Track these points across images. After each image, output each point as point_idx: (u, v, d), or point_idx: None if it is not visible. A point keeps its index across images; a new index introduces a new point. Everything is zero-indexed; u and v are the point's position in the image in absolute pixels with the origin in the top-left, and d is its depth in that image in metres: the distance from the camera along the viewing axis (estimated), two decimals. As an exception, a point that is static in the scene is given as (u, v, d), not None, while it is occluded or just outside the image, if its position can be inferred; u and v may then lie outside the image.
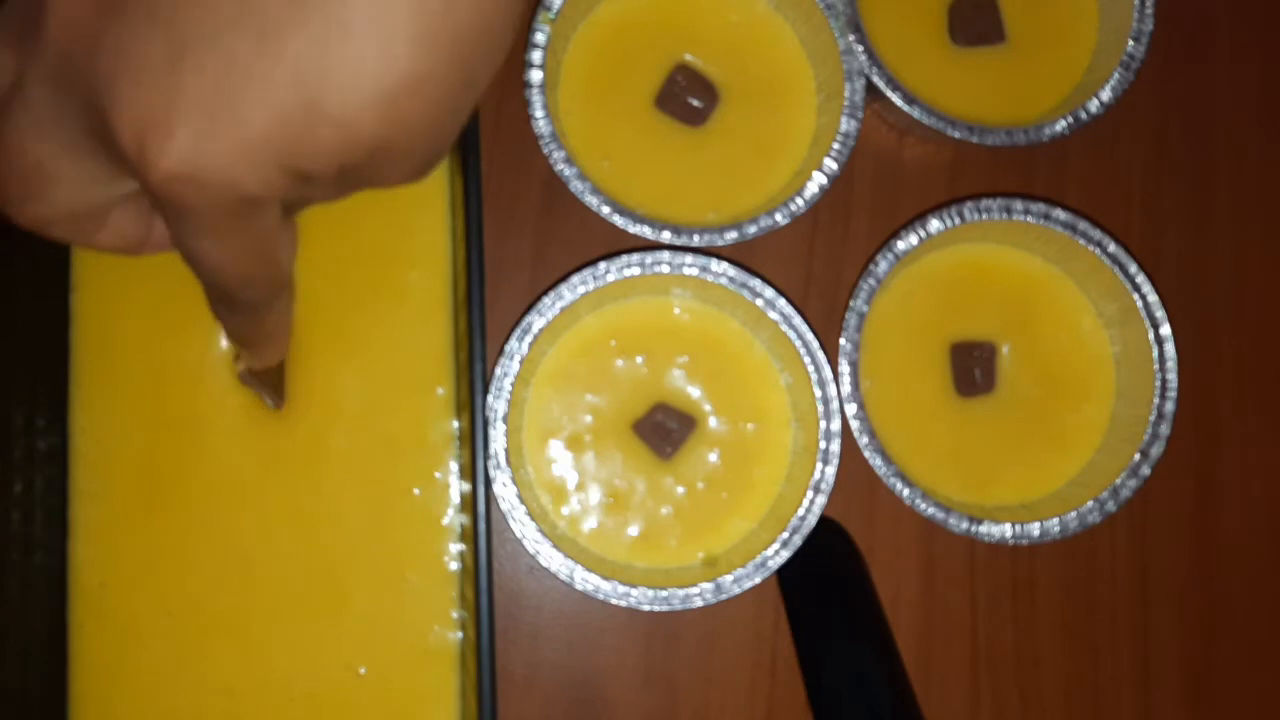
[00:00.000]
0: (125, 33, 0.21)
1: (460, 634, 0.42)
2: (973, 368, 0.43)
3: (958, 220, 0.42)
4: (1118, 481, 0.41)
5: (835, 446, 0.40)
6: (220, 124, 0.21)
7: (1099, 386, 0.44)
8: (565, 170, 0.40)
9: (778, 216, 0.41)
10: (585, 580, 0.39)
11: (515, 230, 0.45)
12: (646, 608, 0.39)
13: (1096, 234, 0.42)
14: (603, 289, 0.41)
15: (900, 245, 0.42)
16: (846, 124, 0.42)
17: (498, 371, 0.40)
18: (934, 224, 0.42)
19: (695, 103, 0.43)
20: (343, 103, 0.21)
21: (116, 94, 0.21)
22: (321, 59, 0.20)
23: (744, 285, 0.41)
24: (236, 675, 0.41)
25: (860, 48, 0.42)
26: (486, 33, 0.21)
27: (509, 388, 0.40)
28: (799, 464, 0.42)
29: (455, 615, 0.42)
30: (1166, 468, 0.42)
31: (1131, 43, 0.43)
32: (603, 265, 0.40)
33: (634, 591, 0.39)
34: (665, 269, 0.40)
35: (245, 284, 0.26)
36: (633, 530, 0.42)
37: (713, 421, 0.43)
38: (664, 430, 0.42)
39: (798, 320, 0.41)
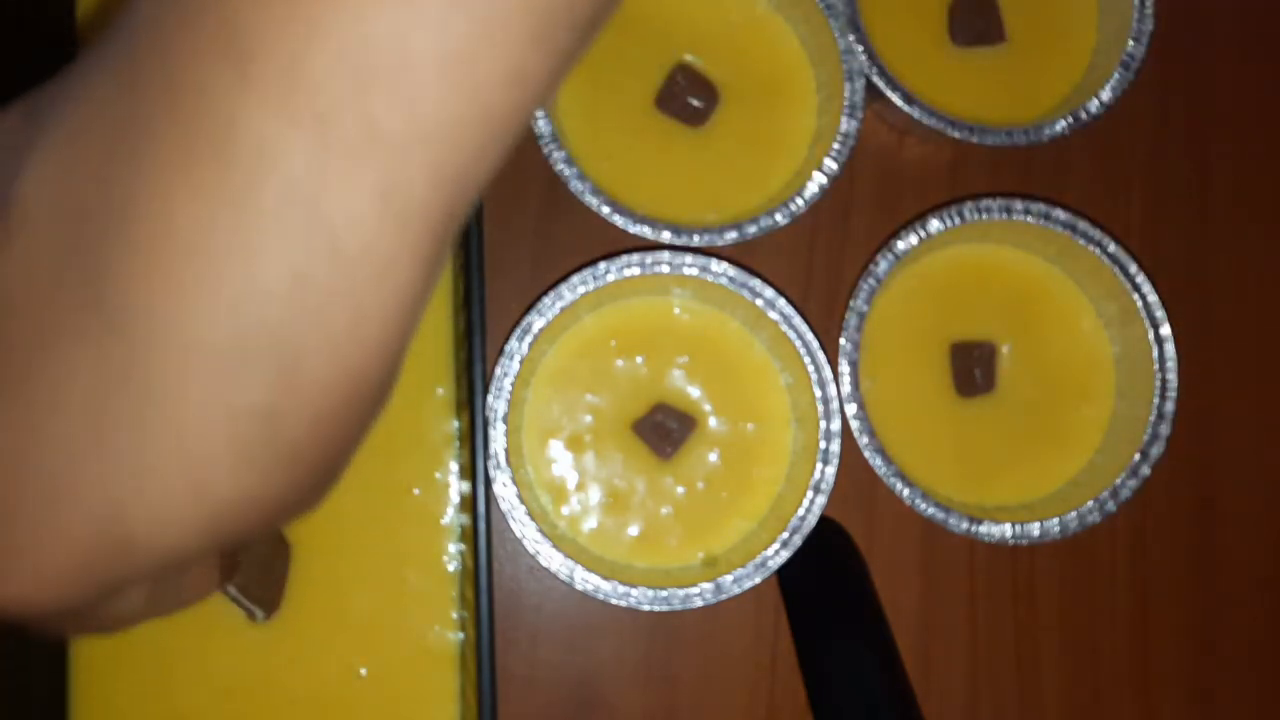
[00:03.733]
0: None
1: (460, 634, 0.42)
2: (973, 368, 0.43)
3: (958, 220, 0.42)
4: (1118, 481, 0.41)
5: (835, 446, 0.40)
6: (4, 565, 0.19)
7: (1099, 386, 0.44)
8: (565, 170, 0.40)
9: (778, 216, 0.41)
10: (585, 580, 0.39)
11: (515, 230, 0.45)
12: (646, 608, 0.39)
13: (1096, 234, 0.42)
14: (603, 289, 0.40)
15: (900, 245, 0.42)
16: (846, 124, 0.42)
17: (498, 371, 0.40)
18: (934, 224, 0.42)
19: (695, 103, 0.43)
20: (156, 536, 0.18)
21: None
22: (121, 502, 0.18)
23: (744, 285, 0.41)
24: (237, 676, 0.41)
25: (860, 48, 0.42)
26: (336, 431, 0.19)
27: (509, 388, 0.40)
28: (799, 464, 0.42)
29: (455, 615, 0.42)
30: (1166, 468, 0.41)
31: (1131, 43, 0.43)
32: (603, 265, 0.40)
33: (634, 591, 0.39)
34: (665, 269, 0.40)
35: (111, 633, 0.24)
36: (633, 530, 0.42)
37: (713, 421, 0.43)
38: (664, 430, 0.42)
39: (798, 320, 0.41)
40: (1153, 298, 0.42)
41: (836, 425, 0.40)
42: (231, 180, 0.16)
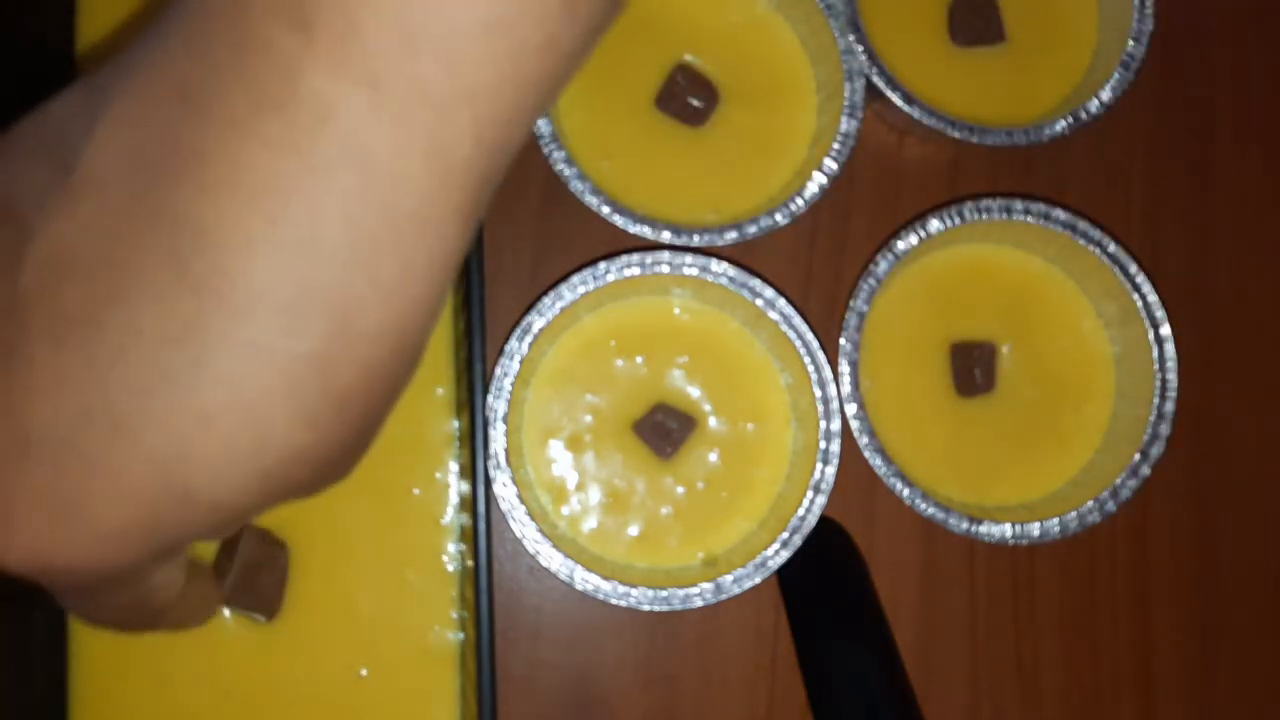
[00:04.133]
0: None
1: (460, 634, 0.42)
2: (973, 368, 0.43)
3: (958, 220, 0.42)
4: (1118, 481, 0.41)
5: (835, 446, 0.40)
6: (68, 519, 0.19)
7: (1099, 386, 0.44)
8: (565, 170, 0.40)
9: (778, 216, 0.41)
10: (585, 580, 0.39)
11: (515, 230, 0.45)
12: (646, 608, 0.39)
13: (1096, 234, 0.42)
14: (603, 289, 0.41)
15: (900, 245, 0.42)
16: (846, 124, 0.42)
17: (497, 371, 0.40)
18: (934, 224, 0.42)
19: (695, 103, 0.43)
20: (214, 487, 0.19)
21: None
22: (183, 451, 0.18)
23: (744, 285, 0.41)
24: (236, 676, 0.41)
25: (860, 48, 0.42)
26: (382, 383, 0.20)
27: (509, 388, 0.40)
28: (799, 464, 0.42)
29: (455, 615, 0.42)
30: (1166, 468, 0.42)
31: (1131, 43, 0.43)
32: (603, 265, 0.40)
33: (634, 591, 0.39)
34: (665, 269, 0.40)
35: (136, 627, 0.25)
36: (633, 530, 0.42)
37: (713, 421, 0.43)
38: (664, 430, 0.42)
39: (798, 320, 0.41)
40: (1153, 298, 0.42)
41: (836, 425, 0.40)
42: (294, 132, 0.17)
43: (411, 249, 0.18)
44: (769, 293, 0.41)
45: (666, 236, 0.40)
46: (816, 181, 0.41)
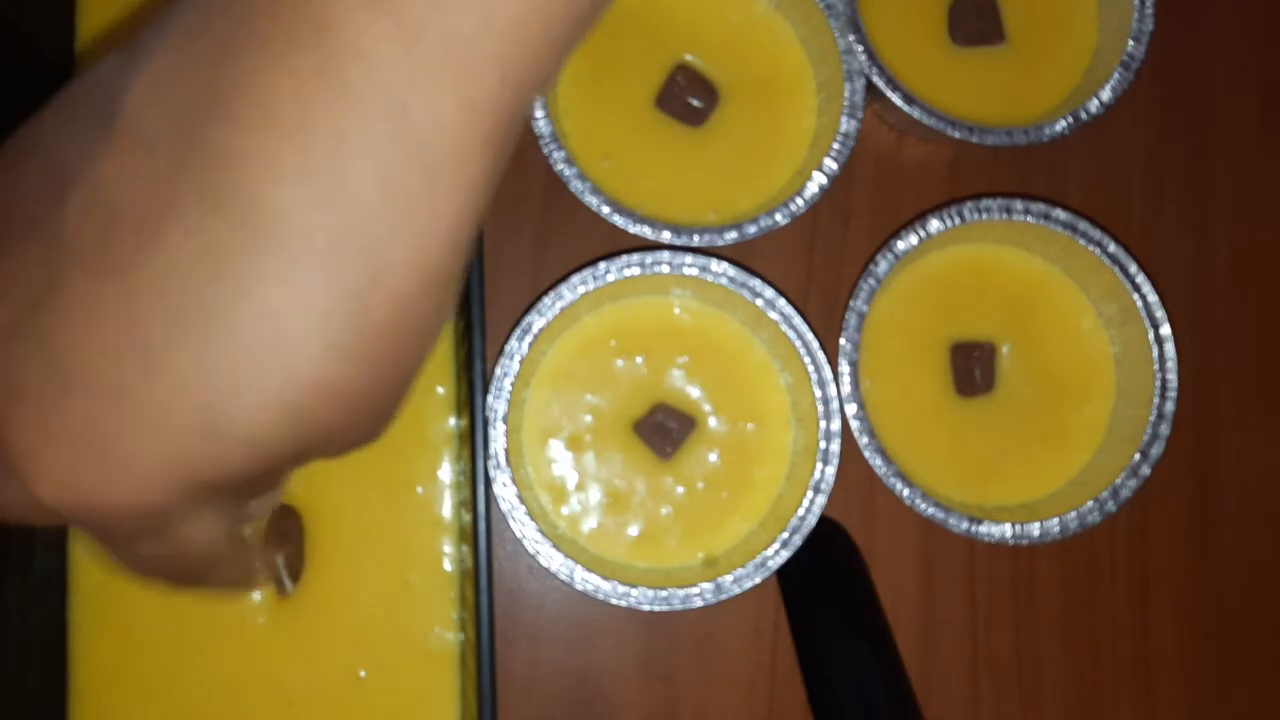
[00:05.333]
0: (5, 354, 0.20)
1: (460, 634, 0.42)
2: (973, 368, 0.43)
3: (958, 220, 0.42)
4: (1118, 481, 0.41)
5: (835, 446, 0.40)
6: (101, 452, 0.19)
7: (1099, 386, 0.44)
8: (565, 170, 0.40)
9: (778, 216, 0.41)
10: (585, 580, 0.39)
11: (515, 230, 0.45)
12: (646, 608, 0.39)
13: (1096, 234, 0.42)
14: (603, 289, 0.41)
15: (900, 245, 0.42)
16: (846, 124, 0.42)
17: (498, 371, 0.40)
18: (934, 224, 0.42)
19: (695, 103, 0.43)
20: (245, 421, 0.19)
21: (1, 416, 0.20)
22: (216, 383, 0.19)
23: (744, 285, 0.41)
24: (236, 676, 0.41)
25: (860, 48, 0.42)
26: (413, 320, 0.20)
27: (509, 388, 0.40)
28: (799, 464, 0.42)
29: (455, 616, 0.42)
30: (1166, 468, 0.42)
31: (1131, 43, 0.43)
32: (603, 265, 0.40)
33: (634, 591, 0.39)
34: (665, 269, 0.40)
35: (183, 581, 0.25)
36: (633, 530, 0.42)
37: (713, 421, 0.43)
38: (664, 430, 0.42)
39: (798, 320, 0.41)
40: (1153, 298, 0.42)
41: (836, 425, 0.40)
42: (326, 68, 0.18)
43: (440, 181, 0.19)
44: (769, 293, 0.41)
45: (666, 236, 0.40)
46: (816, 181, 0.41)
